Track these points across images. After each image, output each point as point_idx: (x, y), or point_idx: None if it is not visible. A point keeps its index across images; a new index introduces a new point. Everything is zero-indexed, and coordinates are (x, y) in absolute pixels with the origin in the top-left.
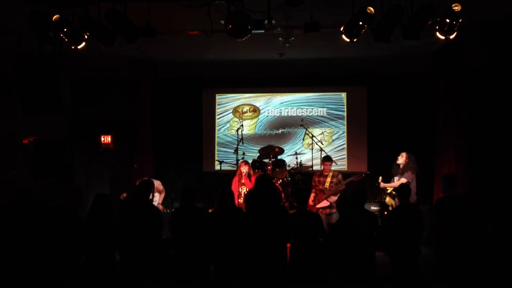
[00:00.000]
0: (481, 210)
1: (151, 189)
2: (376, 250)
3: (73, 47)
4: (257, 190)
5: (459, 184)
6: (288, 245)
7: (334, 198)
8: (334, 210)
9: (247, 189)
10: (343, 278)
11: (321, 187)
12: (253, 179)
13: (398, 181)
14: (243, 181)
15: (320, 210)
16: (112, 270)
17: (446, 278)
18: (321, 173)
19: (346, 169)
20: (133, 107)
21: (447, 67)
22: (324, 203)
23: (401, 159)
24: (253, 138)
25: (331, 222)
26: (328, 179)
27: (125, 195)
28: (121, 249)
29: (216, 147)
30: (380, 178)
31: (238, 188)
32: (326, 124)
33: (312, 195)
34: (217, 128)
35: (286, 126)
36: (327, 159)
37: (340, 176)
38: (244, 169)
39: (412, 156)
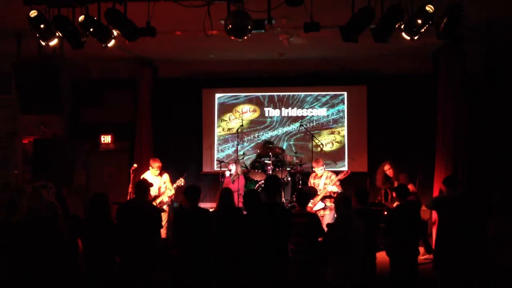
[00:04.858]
0: (481, 210)
1: (149, 189)
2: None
3: (73, 47)
4: (265, 190)
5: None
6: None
7: (327, 200)
8: (328, 212)
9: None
10: (343, 277)
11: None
12: (239, 181)
13: None
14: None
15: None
16: (112, 271)
17: (445, 277)
18: (316, 175)
19: (346, 169)
20: (133, 107)
21: (447, 67)
22: (319, 205)
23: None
24: (253, 138)
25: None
26: (322, 181)
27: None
28: (120, 249)
29: (216, 147)
30: None
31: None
32: (326, 124)
33: None
34: (216, 128)
35: (286, 126)
36: (314, 162)
37: (333, 177)
38: (231, 169)
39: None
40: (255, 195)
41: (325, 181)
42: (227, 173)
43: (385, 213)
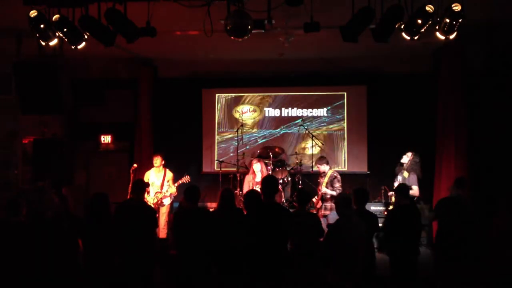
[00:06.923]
0: (481, 210)
1: (145, 188)
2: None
3: (73, 47)
4: (263, 191)
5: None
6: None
7: (329, 200)
8: (328, 212)
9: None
10: (343, 278)
11: (319, 187)
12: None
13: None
14: (257, 179)
15: (318, 210)
16: (112, 270)
17: (446, 278)
18: (322, 173)
19: (346, 169)
20: (133, 107)
21: (447, 67)
22: (320, 204)
23: (406, 159)
24: (253, 138)
25: (328, 222)
26: (325, 180)
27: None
28: (120, 248)
29: (216, 147)
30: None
31: (253, 187)
32: (326, 123)
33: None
34: (217, 128)
35: (286, 126)
36: (317, 160)
37: (335, 178)
38: (257, 167)
39: (417, 156)
40: (255, 195)
41: (326, 181)
42: (257, 169)
43: (385, 213)
